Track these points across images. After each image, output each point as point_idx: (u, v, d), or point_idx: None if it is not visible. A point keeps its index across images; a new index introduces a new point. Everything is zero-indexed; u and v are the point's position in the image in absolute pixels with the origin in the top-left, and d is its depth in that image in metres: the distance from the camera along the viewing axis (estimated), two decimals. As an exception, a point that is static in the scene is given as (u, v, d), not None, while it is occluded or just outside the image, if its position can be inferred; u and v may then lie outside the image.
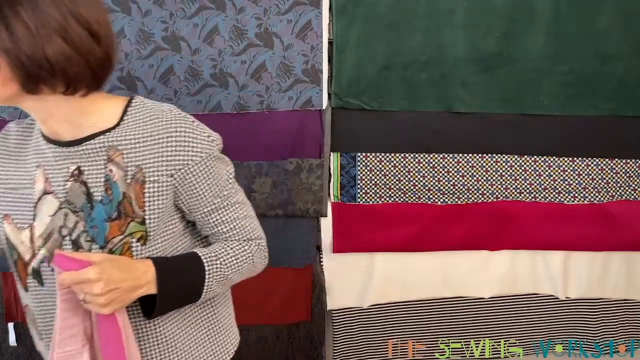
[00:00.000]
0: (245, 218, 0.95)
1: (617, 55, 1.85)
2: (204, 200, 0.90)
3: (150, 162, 0.84)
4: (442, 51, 1.81)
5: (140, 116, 0.86)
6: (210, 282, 0.88)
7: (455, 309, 1.98)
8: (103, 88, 0.87)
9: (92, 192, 0.84)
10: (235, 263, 0.92)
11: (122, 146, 0.84)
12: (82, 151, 0.84)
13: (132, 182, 0.83)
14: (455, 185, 1.89)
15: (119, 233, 0.84)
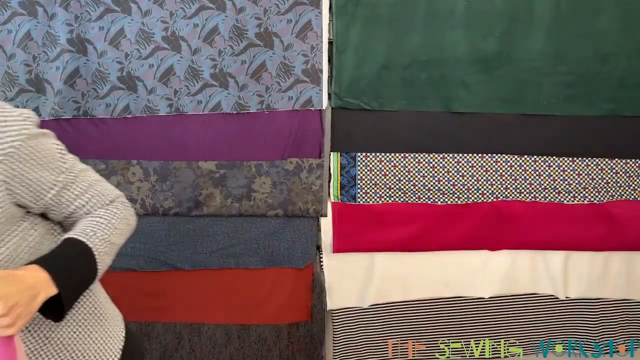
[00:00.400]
0: (98, 183, 0.90)
1: (617, 55, 1.85)
2: (46, 184, 0.82)
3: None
4: (442, 51, 1.81)
5: None
6: (99, 257, 0.84)
7: (455, 309, 1.98)
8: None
9: None
10: (113, 228, 0.88)
11: None
12: None
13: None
14: (455, 185, 1.89)
15: None
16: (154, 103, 1.80)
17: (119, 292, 1.93)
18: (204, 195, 1.83)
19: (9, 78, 1.77)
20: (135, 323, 1.96)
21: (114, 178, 1.82)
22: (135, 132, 1.82)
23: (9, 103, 1.78)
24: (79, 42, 1.75)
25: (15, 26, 1.74)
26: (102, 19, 1.75)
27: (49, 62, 1.77)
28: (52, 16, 1.74)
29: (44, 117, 1.80)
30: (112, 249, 0.88)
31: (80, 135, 1.82)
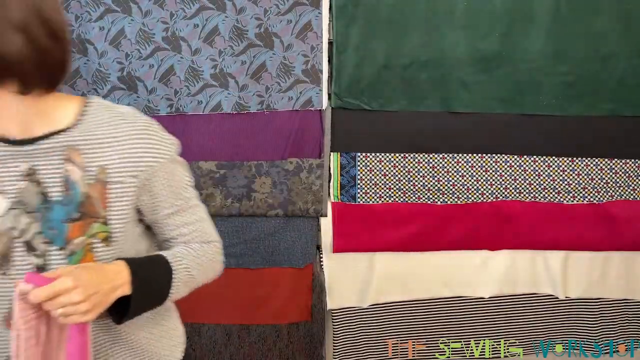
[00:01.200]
0: (204, 221, 0.96)
1: (617, 55, 1.85)
2: (167, 202, 0.89)
3: (114, 163, 0.82)
4: (442, 51, 1.81)
5: (100, 117, 0.84)
6: (176, 282, 0.88)
7: (455, 309, 1.98)
8: (60, 89, 0.83)
9: (47, 192, 0.81)
10: (199, 264, 0.92)
11: (81, 146, 0.81)
12: (35, 150, 0.81)
13: (94, 182, 0.81)
14: (455, 185, 1.89)
15: (80, 234, 0.81)
16: (154, 103, 1.81)
17: (119, 292, 1.94)
18: (204, 195, 1.83)
19: (9, 78, 1.77)
20: (136, 323, 1.96)
21: (114, 178, 1.82)
22: (135, 132, 1.82)
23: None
24: (79, 42, 1.76)
25: (16, 26, 1.75)
26: (102, 19, 1.75)
27: (49, 62, 1.77)
28: (52, 16, 1.75)
29: (45, 117, 1.80)
30: (190, 281, 0.91)
31: (81, 135, 1.82)
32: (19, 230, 0.81)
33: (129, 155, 0.83)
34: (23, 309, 0.73)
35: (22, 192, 0.81)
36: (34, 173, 0.81)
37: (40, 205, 0.81)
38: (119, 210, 0.83)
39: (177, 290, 0.89)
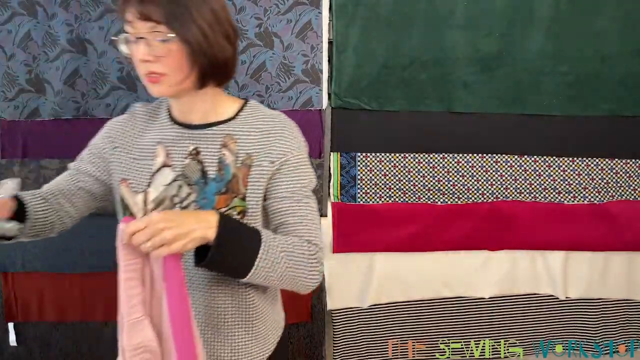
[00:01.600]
0: (313, 221, 1.00)
1: (617, 55, 1.85)
2: (284, 188, 0.99)
3: (258, 151, 0.97)
4: (442, 51, 1.81)
5: (255, 115, 1.01)
6: (262, 256, 0.90)
7: (455, 309, 1.98)
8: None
9: (206, 171, 0.98)
10: (291, 253, 0.93)
11: (236, 135, 0.98)
12: (203, 135, 0.99)
13: (241, 165, 0.97)
14: (455, 185, 1.89)
15: (224, 205, 0.96)
16: (154, 103, 1.80)
17: (119, 292, 1.94)
18: (204, 195, 1.83)
19: (9, 78, 1.77)
20: (135, 323, 1.96)
21: (114, 178, 1.82)
22: (135, 132, 1.82)
23: (9, 103, 1.79)
24: (79, 42, 1.75)
25: (15, 26, 1.74)
26: (102, 19, 1.75)
27: (49, 62, 1.77)
28: (52, 16, 1.74)
29: (44, 117, 1.80)
30: (277, 264, 0.92)
31: (80, 135, 1.81)
32: (179, 197, 0.98)
33: (270, 146, 0.98)
34: (123, 251, 0.85)
35: (186, 168, 0.99)
36: (198, 153, 0.99)
37: (199, 180, 0.98)
38: (255, 189, 0.97)
39: (262, 265, 0.90)
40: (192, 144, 1.00)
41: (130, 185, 1.01)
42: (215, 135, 0.99)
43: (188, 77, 0.94)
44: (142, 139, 1.04)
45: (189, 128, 1.01)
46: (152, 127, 1.05)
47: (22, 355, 1.96)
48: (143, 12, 0.88)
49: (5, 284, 1.90)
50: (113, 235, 0.91)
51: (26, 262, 1.88)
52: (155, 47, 0.91)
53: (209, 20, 0.91)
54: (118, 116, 1.13)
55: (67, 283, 1.91)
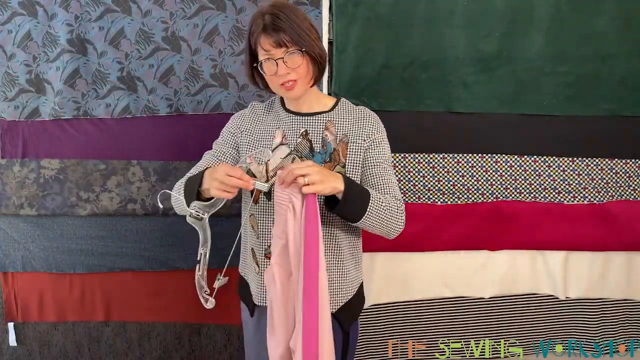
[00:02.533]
0: (395, 183, 1.33)
1: (617, 55, 1.85)
2: (372, 160, 1.32)
3: (353, 132, 1.32)
4: (442, 51, 1.81)
5: (346, 108, 1.36)
6: (371, 206, 1.21)
7: (455, 309, 1.98)
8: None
9: (313, 147, 1.31)
10: (387, 205, 1.25)
11: (335, 121, 1.33)
12: (311, 120, 1.33)
13: (340, 142, 1.31)
14: (455, 185, 1.89)
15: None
16: (154, 103, 1.80)
17: (119, 292, 1.94)
18: (204, 195, 1.83)
19: (9, 78, 1.77)
20: (135, 323, 1.96)
21: (114, 178, 1.82)
22: (135, 132, 1.82)
23: (9, 103, 1.79)
24: (79, 42, 1.76)
25: (15, 26, 1.75)
26: (102, 19, 1.75)
27: (49, 62, 1.77)
28: (52, 16, 1.74)
29: (44, 117, 1.80)
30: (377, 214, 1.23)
31: (80, 135, 1.82)
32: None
33: (362, 128, 1.33)
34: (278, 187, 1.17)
35: (298, 145, 1.32)
36: (307, 134, 1.32)
37: (308, 153, 1.31)
38: (353, 159, 1.31)
39: (371, 212, 1.21)
40: (303, 127, 1.33)
41: (255, 160, 1.31)
42: (319, 121, 1.33)
43: (310, 79, 1.28)
44: (262, 125, 1.37)
45: (300, 115, 1.34)
46: (269, 116, 1.38)
47: (22, 355, 1.96)
48: (278, 41, 1.22)
49: (5, 284, 1.91)
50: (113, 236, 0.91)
51: (26, 262, 1.88)
52: (288, 62, 1.23)
53: (311, 32, 1.25)
54: (241, 110, 1.43)
55: (67, 283, 1.91)
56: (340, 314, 1.33)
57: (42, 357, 1.96)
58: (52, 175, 1.82)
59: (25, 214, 1.83)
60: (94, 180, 1.82)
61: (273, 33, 1.21)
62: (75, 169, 1.82)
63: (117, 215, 1.85)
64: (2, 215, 1.84)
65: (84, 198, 1.82)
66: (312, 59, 1.25)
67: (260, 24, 1.23)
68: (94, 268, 1.89)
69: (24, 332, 1.95)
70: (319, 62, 1.27)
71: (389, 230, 1.28)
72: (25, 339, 1.95)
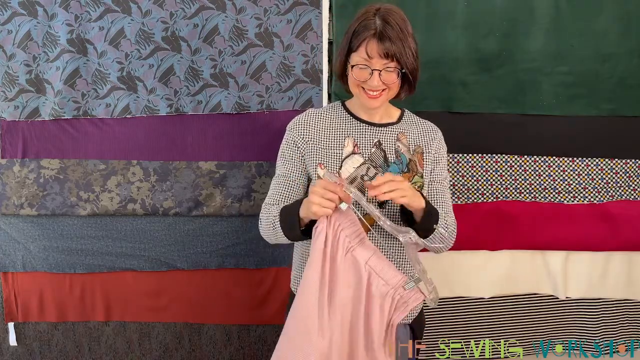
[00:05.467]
0: (450, 204, 1.36)
1: (617, 55, 1.85)
2: (438, 173, 1.35)
3: (426, 143, 1.35)
4: (442, 51, 1.81)
5: (412, 120, 1.39)
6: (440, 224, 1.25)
7: (455, 309, 1.98)
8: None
9: (387, 157, 1.31)
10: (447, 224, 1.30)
11: (406, 132, 1.35)
12: (383, 130, 1.33)
13: (414, 153, 1.33)
14: (455, 185, 1.89)
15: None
16: (154, 103, 1.80)
17: (119, 292, 1.94)
18: (203, 196, 1.83)
19: (9, 78, 1.77)
20: (135, 323, 1.96)
21: (114, 178, 1.82)
22: (135, 132, 1.82)
23: (9, 103, 1.79)
24: (79, 42, 1.76)
25: (15, 26, 1.74)
26: (102, 19, 1.75)
27: (49, 62, 1.77)
28: (52, 16, 1.74)
29: (44, 117, 1.80)
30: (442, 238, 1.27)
31: (80, 135, 1.82)
32: (368, 176, 1.28)
33: (432, 140, 1.36)
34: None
35: (372, 154, 1.31)
36: (381, 144, 1.32)
37: (382, 163, 1.31)
38: (428, 169, 1.33)
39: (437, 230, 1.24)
40: (376, 137, 1.32)
41: (325, 167, 1.30)
42: (392, 131, 1.34)
43: (395, 93, 1.28)
44: (328, 132, 1.33)
45: (373, 125, 1.33)
46: (334, 123, 1.34)
47: (22, 355, 1.96)
48: (385, 52, 1.18)
49: (5, 284, 1.91)
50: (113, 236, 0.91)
51: (26, 262, 1.88)
52: (384, 77, 1.21)
53: (412, 47, 1.22)
54: (297, 117, 1.38)
55: (67, 283, 1.91)
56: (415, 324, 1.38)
57: (42, 357, 1.96)
58: (52, 175, 1.82)
59: (25, 214, 1.83)
60: (94, 180, 1.82)
61: (382, 43, 1.18)
62: (75, 169, 1.82)
63: (117, 215, 1.85)
64: (2, 215, 1.84)
65: (84, 198, 1.82)
66: (407, 78, 1.24)
67: (371, 27, 1.19)
68: (94, 268, 1.89)
69: (24, 332, 1.95)
70: (410, 79, 1.25)
71: (444, 246, 1.31)
72: (25, 338, 1.95)
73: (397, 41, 1.18)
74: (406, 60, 1.20)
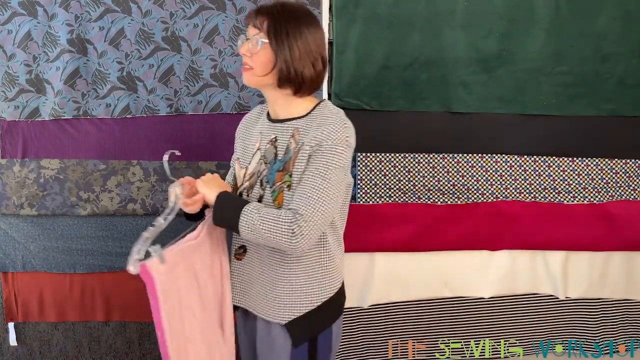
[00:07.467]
0: (308, 193, 1.20)
1: (617, 55, 1.85)
2: (309, 167, 1.23)
3: (308, 140, 1.24)
4: (442, 51, 1.81)
5: (317, 113, 1.28)
6: (241, 222, 1.21)
7: (455, 309, 1.98)
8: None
9: (277, 153, 1.29)
10: (265, 220, 1.19)
11: (301, 129, 1.27)
12: (280, 127, 1.31)
13: (295, 151, 1.25)
14: (455, 185, 1.89)
15: (279, 180, 1.26)
16: (154, 103, 1.80)
17: (119, 292, 1.94)
18: (204, 195, 1.83)
19: (9, 78, 1.77)
20: (135, 323, 1.96)
21: (114, 178, 1.82)
22: (135, 132, 1.82)
23: (9, 103, 1.79)
24: (79, 42, 1.76)
25: (15, 26, 1.74)
26: (102, 19, 1.75)
27: (49, 62, 1.77)
28: (52, 16, 1.74)
29: (44, 117, 1.80)
30: (253, 228, 1.20)
31: (80, 135, 1.82)
32: (261, 172, 1.31)
33: (316, 135, 1.23)
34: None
35: (267, 151, 1.32)
36: (276, 141, 1.31)
37: (272, 160, 1.29)
38: (298, 168, 1.24)
39: (243, 229, 1.21)
40: (274, 133, 1.32)
41: (240, 163, 1.39)
42: (288, 128, 1.30)
43: (268, 76, 1.24)
44: (252, 130, 1.40)
45: (274, 122, 1.33)
46: (258, 122, 1.40)
47: (22, 355, 1.96)
48: (255, 24, 1.24)
49: (5, 284, 1.91)
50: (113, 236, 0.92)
51: (26, 262, 1.88)
52: (253, 47, 1.24)
53: (299, 46, 1.23)
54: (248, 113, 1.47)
55: (67, 283, 1.91)
56: (290, 327, 1.28)
57: (42, 357, 1.96)
58: (52, 175, 1.82)
59: (25, 214, 1.83)
60: (94, 180, 1.82)
61: (254, 12, 1.26)
62: (75, 169, 1.82)
63: (117, 215, 1.85)
64: (2, 215, 1.84)
65: (84, 198, 1.82)
66: (278, 60, 1.23)
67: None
68: (94, 268, 1.89)
69: (24, 332, 1.95)
70: (289, 72, 1.23)
71: (277, 245, 1.20)
72: (26, 338, 1.95)
73: (269, 15, 1.24)
74: (275, 38, 1.22)
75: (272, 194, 1.27)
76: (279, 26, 1.23)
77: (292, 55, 1.22)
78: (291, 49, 1.22)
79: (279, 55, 1.22)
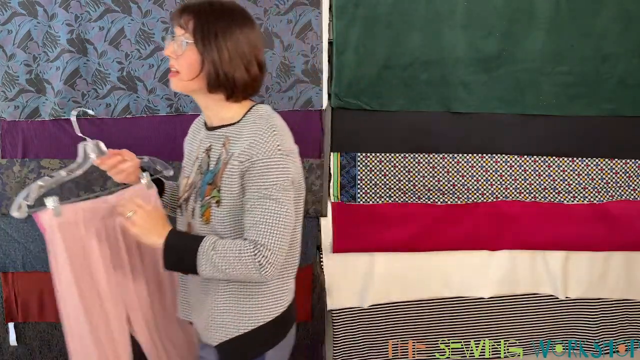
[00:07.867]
0: (265, 222, 1.11)
1: (617, 55, 1.85)
2: (248, 189, 1.13)
3: (238, 152, 1.14)
4: (442, 51, 1.81)
5: (249, 119, 1.19)
6: (200, 262, 1.12)
7: (455, 309, 1.98)
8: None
9: (210, 164, 1.21)
10: (225, 255, 1.11)
11: (232, 137, 1.18)
12: (214, 135, 1.22)
13: (224, 162, 1.16)
14: (455, 185, 1.89)
15: (209, 194, 1.19)
16: (154, 103, 1.80)
17: (119, 292, 1.94)
18: (204, 195, 1.83)
19: (9, 78, 1.77)
20: (136, 323, 1.96)
21: (114, 178, 1.82)
22: (135, 132, 1.82)
23: (9, 103, 1.79)
24: (79, 42, 1.75)
25: (15, 26, 1.74)
26: (102, 19, 1.75)
27: (49, 62, 1.77)
28: (52, 16, 1.74)
29: (44, 117, 1.80)
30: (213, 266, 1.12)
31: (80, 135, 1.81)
32: (196, 184, 1.24)
33: (242, 147, 1.14)
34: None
35: (202, 160, 1.24)
36: (210, 149, 1.22)
37: (206, 170, 1.21)
38: (227, 183, 1.15)
39: (205, 272, 1.13)
40: (209, 142, 1.23)
41: (184, 172, 1.33)
42: (220, 136, 1.21)
43: (195, 80, 1.16)
44: (194, 138, 1.33)
45: (209, 130, 1.25)
46: (201, 129, 1.31)
47: (22, 355, 1.96)
48: (180, 23, 1.15)
49: (5, 284, 1.90)
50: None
51: (26, 262, 1.88)
52: (178, 48, 1.16)
53: (230, 48, 1.13)
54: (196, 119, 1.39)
55: (67, 283, 1.91)
56: (220, 349, 1.22)
57: (42, 357, 1.96)
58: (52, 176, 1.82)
59: (25, 214, 1.83)
60: (94, 180, 1.82)
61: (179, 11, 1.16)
62: (75, 169, 1.82)
63: (117, 215, 1.85)
64: (2, 215, 1.84)
65: (84, 198, 1.82)
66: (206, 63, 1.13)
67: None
68: (94, 268, 1.89)
69: (24, 332, 1.94)
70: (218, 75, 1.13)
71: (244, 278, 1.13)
72: (26, 338, 1.95)
73: (195, 14, 1.14)
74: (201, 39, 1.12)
75: (201, 208, 1.19)
76: (206, 26, 1.13)
77: (221, 57, 1.13)
78: (220, 50, 1.12)
79: (206, 57, 1.13)
